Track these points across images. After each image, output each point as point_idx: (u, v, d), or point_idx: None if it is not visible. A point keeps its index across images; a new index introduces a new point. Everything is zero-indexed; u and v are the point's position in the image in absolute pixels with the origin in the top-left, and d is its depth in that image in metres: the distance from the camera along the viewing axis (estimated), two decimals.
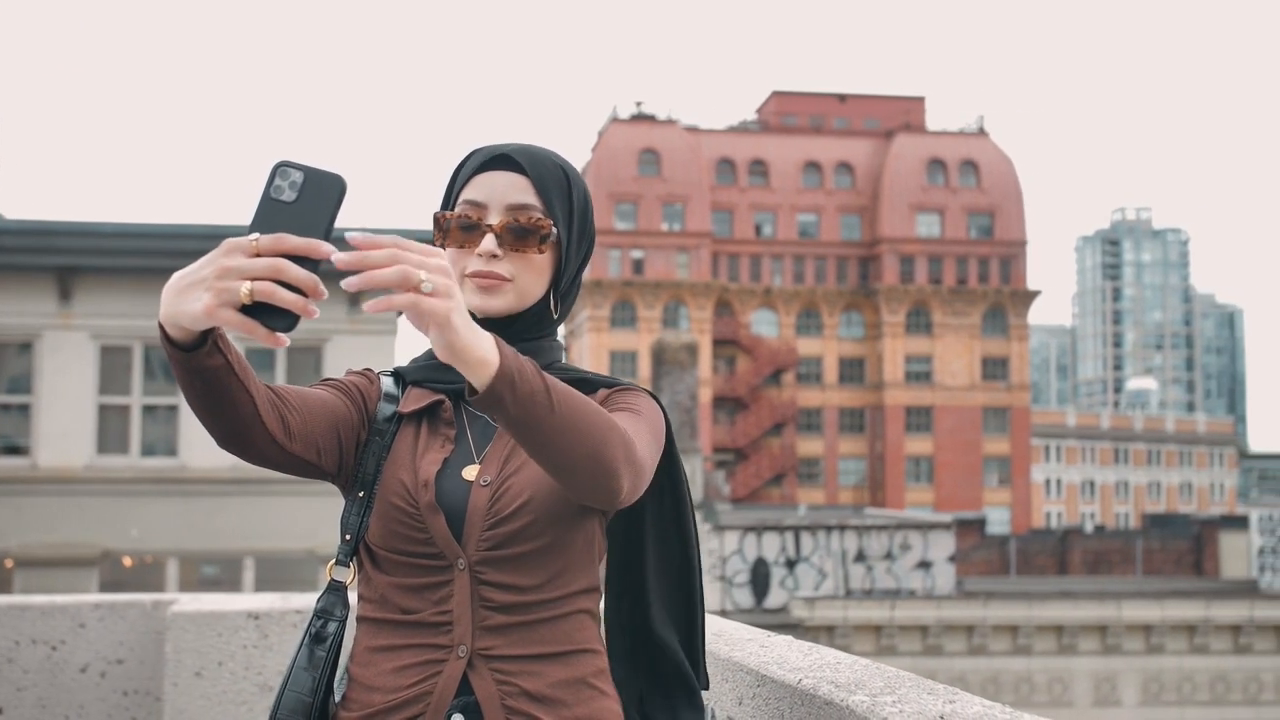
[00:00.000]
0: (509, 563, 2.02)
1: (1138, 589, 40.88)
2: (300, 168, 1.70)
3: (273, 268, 1.64)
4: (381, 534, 2.04)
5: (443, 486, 2.04)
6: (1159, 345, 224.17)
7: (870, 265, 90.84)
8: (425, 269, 1.65)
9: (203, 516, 21.74)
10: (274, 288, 1.64)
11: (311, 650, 2.08)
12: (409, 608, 2.03)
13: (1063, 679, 32.13)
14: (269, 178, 1.69)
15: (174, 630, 4.08)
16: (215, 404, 1.82)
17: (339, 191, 1.70)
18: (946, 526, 35.51)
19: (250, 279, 1.64)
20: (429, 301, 1.65)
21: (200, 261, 1.69)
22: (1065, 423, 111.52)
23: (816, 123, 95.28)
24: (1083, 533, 61.04)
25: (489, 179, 2.13)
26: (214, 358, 1.77)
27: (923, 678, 2.34)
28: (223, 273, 1.65)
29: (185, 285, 1.68)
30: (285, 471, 2.00)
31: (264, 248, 1.65)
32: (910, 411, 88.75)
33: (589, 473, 1.84)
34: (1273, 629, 33.62)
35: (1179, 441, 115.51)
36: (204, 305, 1.65)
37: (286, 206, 1.69)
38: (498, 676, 2.00)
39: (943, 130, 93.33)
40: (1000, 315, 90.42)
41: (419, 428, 2.12)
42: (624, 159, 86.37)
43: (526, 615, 2.03)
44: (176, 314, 1.70)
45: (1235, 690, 33.35)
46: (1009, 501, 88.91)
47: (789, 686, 2.39)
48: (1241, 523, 51.48)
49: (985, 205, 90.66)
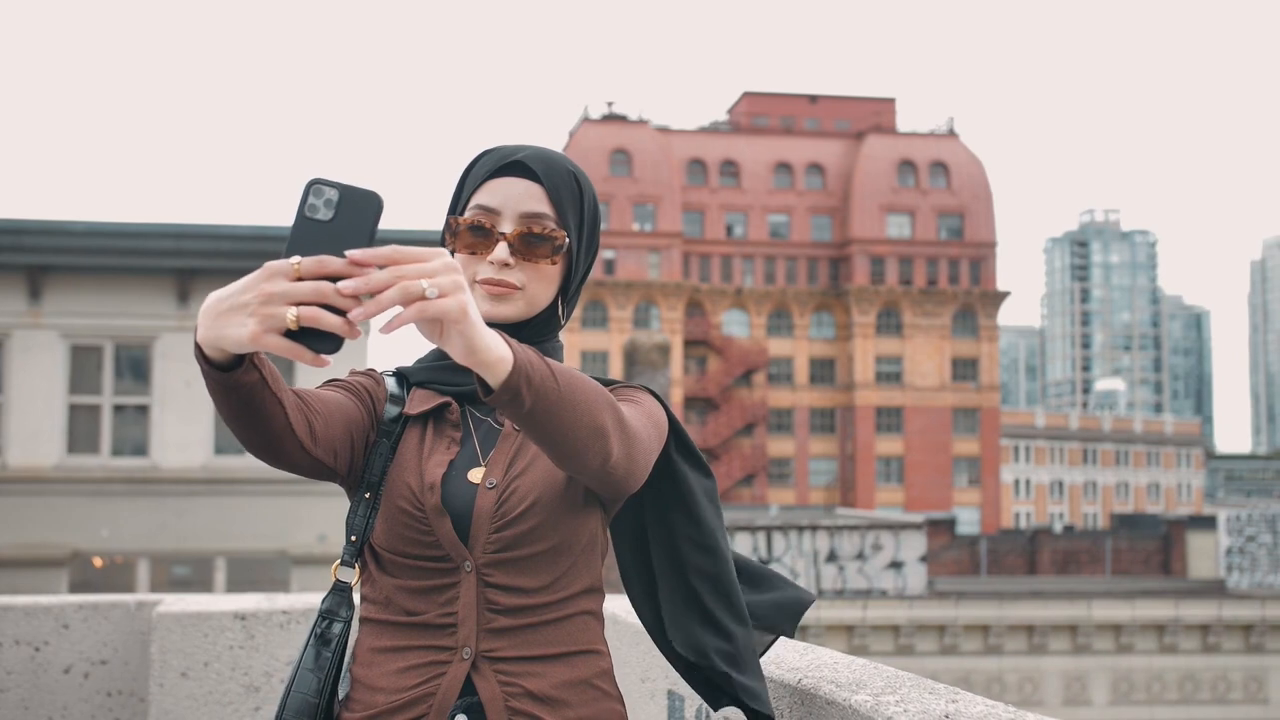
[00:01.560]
0: (515, 565, 2.03)
1: (1107, 589, 41.14)
2: (335, 185, 1.68)
3: (317, 292, 1.62)
4: (387, 536, 2.04)
5: (449, 489, 2.04)
6: (1127, 346, 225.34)
7: (841, 266, 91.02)
8: (425, 275, 1.64)
9: (174, 517, 21.61)
10: (320, 313, 1.62)
11: (318, 651, 2.08)
12: (414, 609, 2.03)
13: (1033, 678, 32.28)
14: (303, 195, 1.68)
15: (160, 631, 4.06)
16: (251, 418, 1.82)
17: (376, 209, 1.68)
18: (918, 527, 35.65)
19: (295, 304, 1.63)
20: (438, 304, 1.64)
21: (240, 285, 1.67)
22: (1034, 423, 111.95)
23: (787, 123, 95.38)
24: (1052, 533, 61.29)
25: (503, 185, 2.12)
26: (250, 374, 1.77)
27: (922, 677, 2.35)
28: (266, 298, 1.63)
29: (225, 309, 1.67)
30: (302, 474, 1.99)
31: (306, 271, 1.64)
32: (881, 412, 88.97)
33: (589, 445, 1.84)
34: (1240, 629, 33.87)
35: (1147, 442, 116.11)
36: (249, 332, 1.64)
37: (323, 225, 1.67)
38: (501, 678, 2.01)
39: (913, 132, 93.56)
40: (970, 316, 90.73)
41: (424, 430, 2.12)
42: (595, 159, 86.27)
43: (531, 617, 2.04)
44: (218, 338, 1.69)
45: (1204, 689, 33.58)
46: (979, 502, 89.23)
47: (788, 686, 2.39)
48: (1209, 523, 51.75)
49: (955, 206, 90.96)
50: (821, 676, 2.36)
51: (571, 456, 1.85)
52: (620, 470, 1.92)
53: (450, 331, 1.68)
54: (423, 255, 1.66)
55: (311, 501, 21.99)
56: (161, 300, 21.88)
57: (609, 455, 1.88)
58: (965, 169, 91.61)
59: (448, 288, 1.65)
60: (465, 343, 1.68)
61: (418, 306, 1.63)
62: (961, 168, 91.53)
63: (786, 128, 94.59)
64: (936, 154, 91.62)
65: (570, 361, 72.73)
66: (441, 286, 1.65)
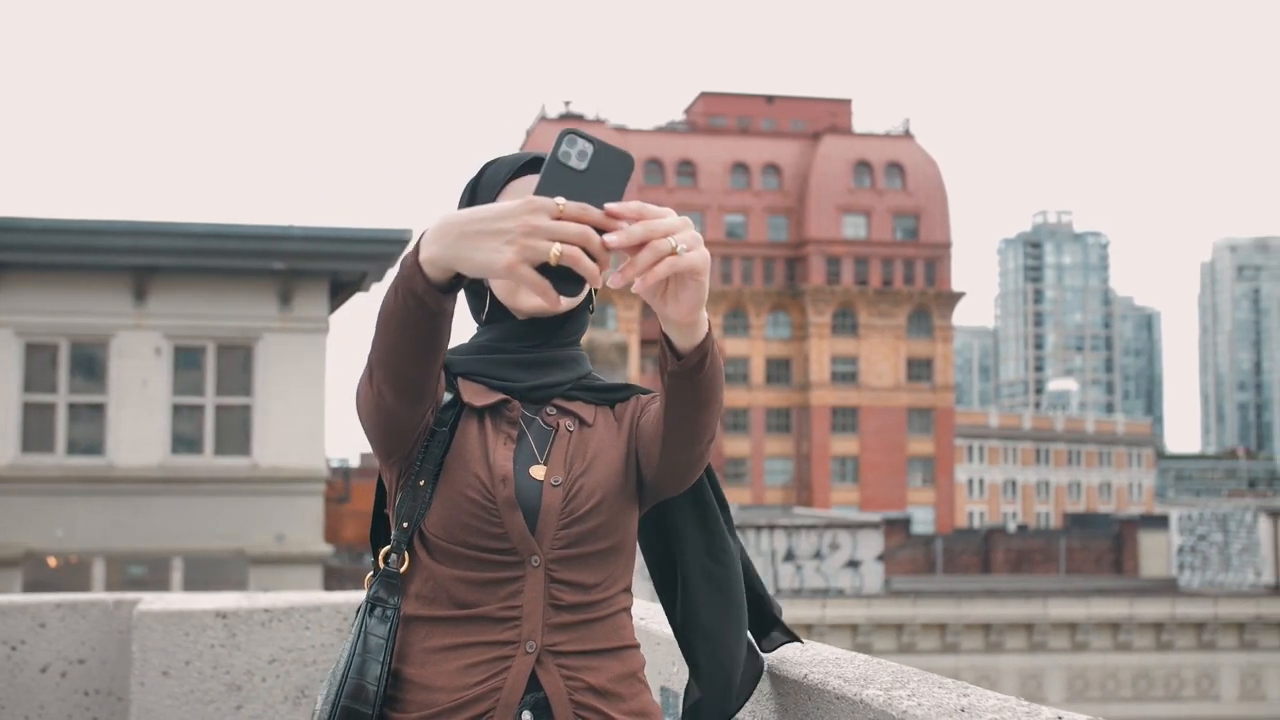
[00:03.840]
0: (578, 561, 2.05)
1: (1061, 588, 41.45)
2: (589, 139, 1.74)
3: (583, 235, 1.69)
4: (446, 525, 2.03)
5: (517, 484, 2.05)
6: (1079, 347, 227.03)
7: (797, 266, 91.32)
8: (671, 231, 1.73)
9: (130, 516, 21.45)
10: (580, 254, 1.68)
11: (369, 638, 2.05)
12: (471, 601, 2.02)
13: (990, 676, 32.49)
14: (556, 143, 1.73)
15: (140, 629, 4.03)
16: (428, 350, 1.87)
17: (628, 168, 1.74)
18: (875, 526, 35.80)
19: (557, 241, 1.68)
20: (688, 258, 1.73)
21: (495, 211, 1.72)
22: (988, 423, 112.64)
23: (744, 124, 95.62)
24: (1006, 532, 61.70)
25: (528, 184, 2.14)
26: (452, 304, 1.83)
27: (928, 673, 2.36)
28: (531, 230, 1.68)
29: (474, 231, 1.72)
30: (405, 433, 2.01)
31: (569, 214, 1.69)
32: (836, 412, 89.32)
33: (714, 421, 1.97)
34: (1193, 627, 34.23)
35: (1098, 442, 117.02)
36: (505, 259, 1.69)
37: (577, 174, 1.73)
38: (564, 672, 2.02)
39: (869, 132, 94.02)
40: (925, 316, 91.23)
41: (482, 423, 2.11)
42: None
43: (586, 614, 2.06)
44: (457, 258, 1.74)
45: (1157, 686, 33.91)
46: (933, 501, 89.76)
47: (794, 681, 2.39)
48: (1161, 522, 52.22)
49: (911, 207, 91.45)
50: (828, 672, 2.36)
51: (704, 429, 1.96)
52: (709, 453, 2.04)
53: (688, 285, 1.76)
54: (664, 212, 1.74)
55: (269, 501, 21.88)
56: (118, 298, 21.71)
57: (715, 435, 2.00)
58: (921, 170, 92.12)
59: (690, 241, 1.73)
60: (699, 296, 1.78)
61: (669, 262, 1.71)
62: (917, 168, 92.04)
63: (743, 128, 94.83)
64: (892, 155, 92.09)
65: None
66: (686, 241, 1.73)
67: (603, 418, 2.16)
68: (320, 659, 4.14)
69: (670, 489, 2.13)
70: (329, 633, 4.16)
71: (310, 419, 22.14)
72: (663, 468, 2.06)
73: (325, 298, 22.47)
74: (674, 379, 1.90)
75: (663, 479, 2.09)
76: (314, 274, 22.24)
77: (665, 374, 1.92)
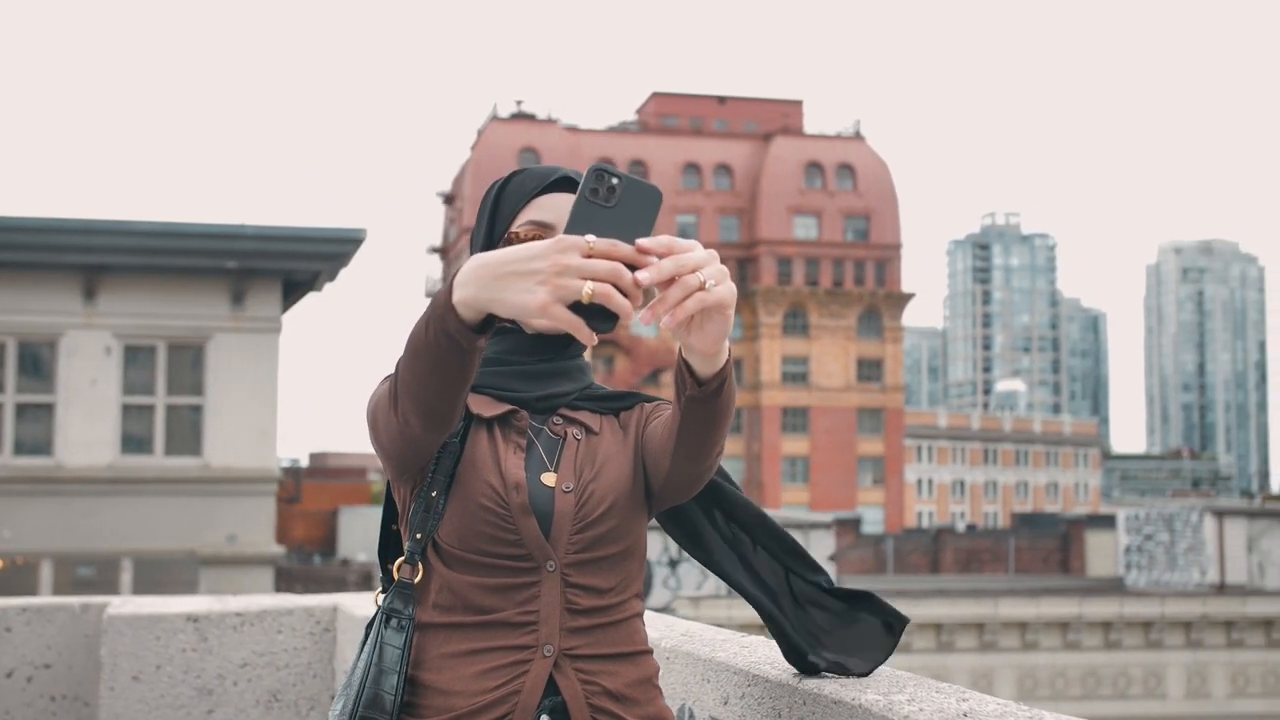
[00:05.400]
0: (592, 566, 2.08)
1: (1010, 587, 41.76)
2: (618, 174, 1.76)
3: (614, 272, 1.71)
4: (461, 534, 2.06)
5: (530, 491, 2.08)
6: (1026, 348, 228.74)
7: (748, 266, 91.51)
8: (699, 265, 1.76)
9: (79, 517, 21.24)
10: (612, 291, 1.71)
11: (385, 649, 2.07)
12: (488, 606, 2.05)
13: (941, 675, 32.59)
14: (585, 179, 1.76)
15: (110, 634, 3.99)
16: (457, 384, 1.90)
17: (657, 203, 1.76)
18: (827, 526, 35.97)
19: (589, 279, 1.71)
20: (716, 293, 1.77)
21: (526, 252, 1.74)
22: (937, 423, 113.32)
23: (696, 124, 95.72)
24: (955, 532, 62.14)
25: (555, 200, 2.17)
26: (484, 342, 1.85)
27: (924, 676, 2.36)
28: (562, 270, 1.71)
29: (507, 273, 1.74)
30: (424, 454, 2.04)
31: (599, 251, 1.71)
32: (787, 412, 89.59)
33: (724, 436, 2.02)
34: (1140, 626, 34.57)
35: (1046, 442, 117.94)
36: (538, 300, 1.72)
37: (606, 210, 1.75)
38: (581, 676, 2.04)
39: (820, 134, 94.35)
40: (875, 317, 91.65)
41: (491, 433, 2.14)
42: (504, 158, 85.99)
43: (601, 618, 2.08)
44: (493, 300, 1.76)
45: (1105, 685, 34.23)
46: (882, 501, 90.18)
47: (788, 686, 2.39)
48: (1108, 521, 52.73)
49: (861, 208, 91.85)
50: (824, 676, 2.37)
51: (714, 444, 2.01)
52: (717, 464, 2.09)
53: (714, 319, 1.80)
54: (692, 245, 1.77)
55: (219, 502, 21.73)
56: (67, 297, 21.49)
57: (723, 448, 2.06)
58: (871, 171, 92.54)
59: (718, 276, 1.77)
60: (724, 329, 1.82)
61: (698, 297, 1.75)
62: (868, 170, 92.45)
63: (695, 128, 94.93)
64: (843, 156, 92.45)
65: None
66: (714, 276, 1.77)
67: (609, 426, 2.20)
68: (293, 663, 4.11)
69: (678, 497, 2.17)
70: (301, 636, 4.13)
71: (262, 419, 22.01)
72: (671, 478, 2.10)
73: (278, 297, 22.34)
74: (692, 403, 1.94)
75: (670, 488, 2.13)
76: (266, 273, 22.10)
77: (683, 397, 1.96)
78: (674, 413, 2.03)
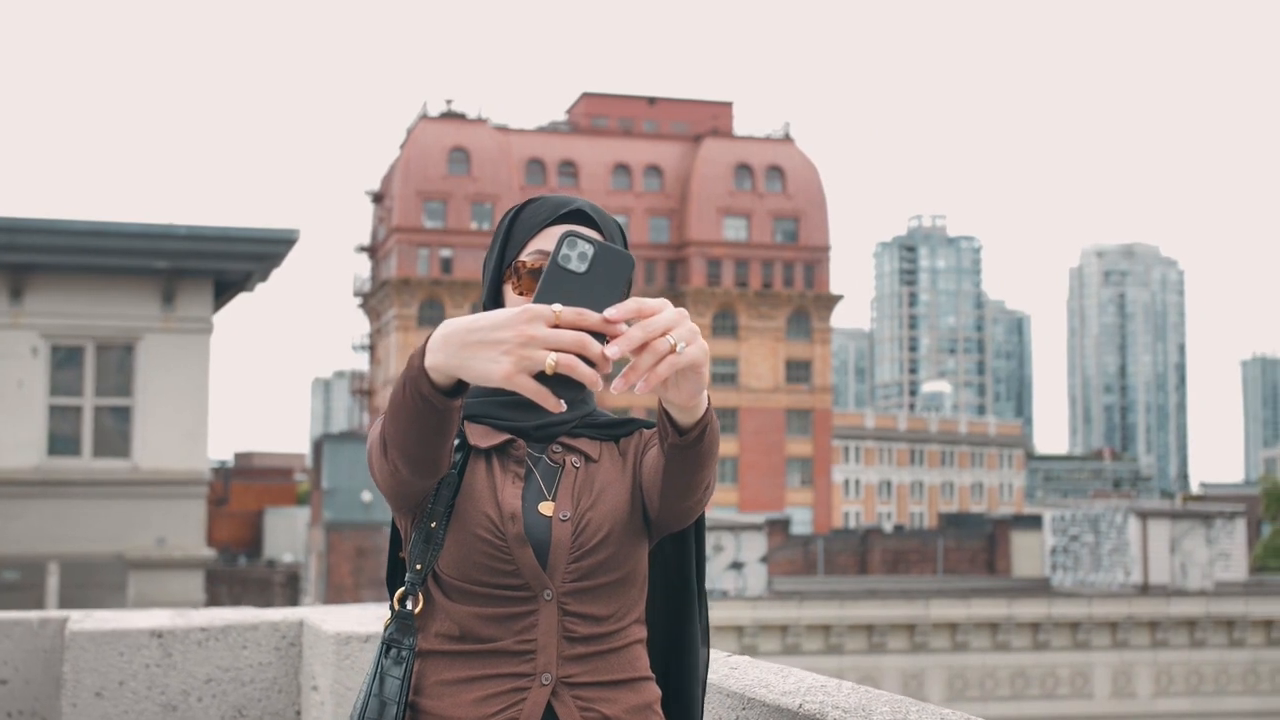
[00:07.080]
0: (590, 594, 2.09)
1: (939, 588, 42.10)
2: (590, 241, 1.78)
3: (579, 343, 1.72)
4: (459, 564, 2.08)
5: (526, 521, 2.09)
6: (952, 349, 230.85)
7: (678, 268, 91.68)
8: (667, 328, 1.77)
9: (4, 520, 20.90)
10: (576, 362, 1.72)
11: (386, 680, 2.10)
12: (488, 636, 2.06)
13: (872, 676, 32.87)
14: (556, 246, 1.78)
15: (73, 649, 3.91)
16: (438, 439, 1.92)
17: (629, 270, 1.78)
18: (758, 527, 36.03)
19: (554, 349, 1.72)
20: (687, 354, 1.78)
21: (492, 320, 1.76)
22: (864, 424, 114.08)
23: (626, 125, 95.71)
24: (883, 532, 62.53)
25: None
26: (459, 401, 1.86)
27: (926, 703, 2.35)
28: (526, 340, 1.73)
29: (474, 342, 1.76)
30: (417, 496, 2.07)
31: (565, 320, 1.73)
32: (716, 413, 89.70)
33: (712, 475, 2.06)
34: (1068, 626, 34.95)
35: (971, 443, 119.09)
36: (502, 370, 1.74)
37: (576, 277, 1.76)
38: (579, 703, 2.06)
39: (750, 136, 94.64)
40: (804, 319, 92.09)
41: (489, 463, 2.15)
42: (433, 157, 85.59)
43: (600, 645, 2.09)
44: (460, 367, 1.79)
45: (1034, 685, 34.60)
46: (811, 502, 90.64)
47: (787, 711, 2.38)
48: (1034, 522, 53.28)
49: (791, 210, 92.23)
50: (823, 702, 2.36)
51: (700, 484, 2.04)
52: (708, 497, 2.10)
53: (690, 377, 1.82)
54: (660, 306, 1.78)
55: (149, 504, 21.46)
56: None
57: (712, 484, 2.08)
58: (801, 173, 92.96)
59: (688, 336, 1.78)
60: (699, 385, 1.84)
61: (669, 362, 1.76)
62: (797, 172, 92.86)
63: (625, 129, 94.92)
64: (773, 158, 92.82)
65: (404, 360, 75.59)
66: (684, 336, 1.78)
67: (608, 453, 2.21)
68: (258, 678, 4.05)
69: (673, 526, 2.18)
70: (267, 651, 4.07)
71: (193, 420, 21.76)
72: (663, 511, 2.12)
73: (209, 298, 22.09)
74: (674, 449, 1.98)
75: (663, 520, 2.15)
76: (197, 273, 21.85)
77: (665, 444, 1.99)
78: (658, 455, 2.06)
